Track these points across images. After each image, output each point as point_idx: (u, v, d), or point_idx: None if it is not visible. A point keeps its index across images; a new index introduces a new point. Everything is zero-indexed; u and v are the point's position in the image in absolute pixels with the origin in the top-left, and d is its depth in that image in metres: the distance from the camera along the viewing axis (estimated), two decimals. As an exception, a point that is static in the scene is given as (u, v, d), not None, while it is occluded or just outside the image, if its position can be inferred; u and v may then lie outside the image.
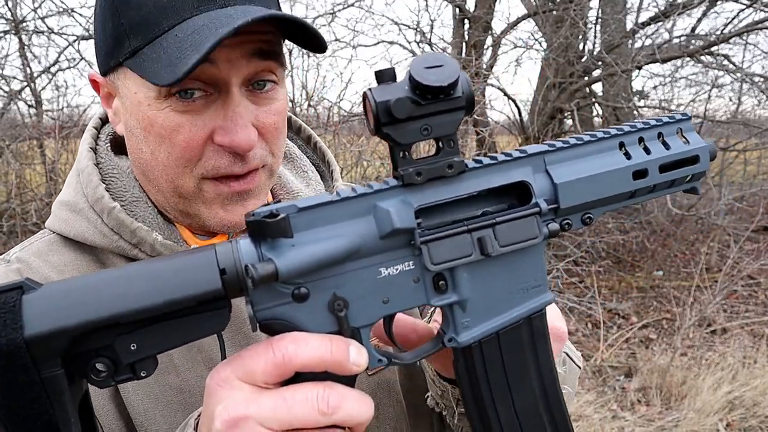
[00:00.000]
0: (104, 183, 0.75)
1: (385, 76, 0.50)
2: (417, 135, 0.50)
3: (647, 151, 0.58)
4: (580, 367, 0.78)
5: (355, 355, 0.49)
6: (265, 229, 0.47)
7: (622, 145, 0.58)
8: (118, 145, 0.80)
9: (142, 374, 0.48)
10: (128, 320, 0.46)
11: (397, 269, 0.52)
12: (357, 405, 0.49)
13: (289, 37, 0.68)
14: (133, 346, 0.47)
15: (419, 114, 0.49)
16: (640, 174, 0.57)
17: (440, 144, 0.52)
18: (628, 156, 0.57)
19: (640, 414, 3.80)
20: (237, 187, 0.69)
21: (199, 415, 0.55)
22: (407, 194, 0.51)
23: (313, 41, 0.67)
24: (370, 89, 0.50)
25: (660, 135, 0.59)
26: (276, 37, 0.67)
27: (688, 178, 0.61)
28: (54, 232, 0.76)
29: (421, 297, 0.53)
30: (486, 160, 0.54)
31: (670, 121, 0.59)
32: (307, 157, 0.93)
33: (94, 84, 0.75)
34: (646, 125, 0.59)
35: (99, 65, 0.72)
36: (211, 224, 0.72)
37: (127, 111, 0.69)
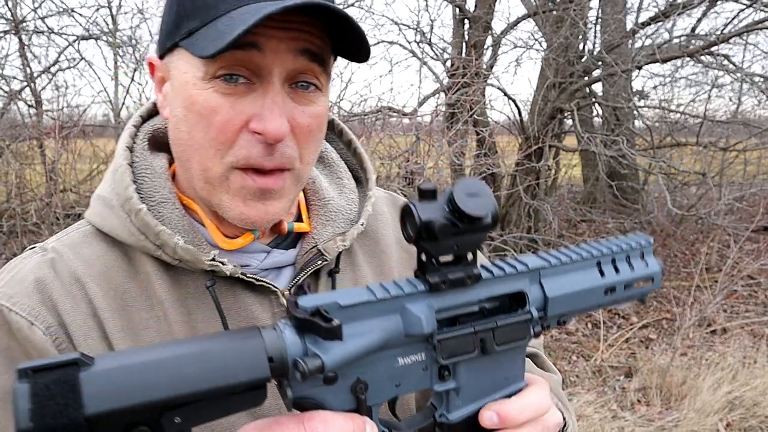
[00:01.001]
0: (136, 183, 0.76)
1: (427, 195, 0.56)
2: (448, 250, 0.58)
3: (617, 270, 0.68)
4: None
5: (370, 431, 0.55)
6: (318, 331, 0.52)
7: (599, 263, 0.68)
8: (157, 142, 0.82)
9: None
10: (180, 402, 0.49)
11: (411, 359, 0.59)
12: None
13: (336, 44, 0.70)
14: (177, 419, 0.49)
15: (454, 234, 0.56)
16: (610, 290, 0.68)
17: (464, 256, 0.60)
18: (602, 274, 0.68)
19: (640, 414, 3.80)
20: (261, 184, 0.70)
21: None
22: (431, 299, 0.58)
23: (358, 45, 0.68)
24: (413, 204, 0.56)
25: (628, 258, 0.70)
26: (325, 44, 0.69)
27: (643, 293, 0.72)
28: (90, 224, 0.78)
29: (427, 383, 0.61)
30: (496, 271, 0.62)
31: (637, 247, 0.70)
32: (347, 161, 0.94)
33: (151, 68, 0.77)
34: (618, 249, 0.69)
35: (158, 49, 0.75)
36: (230, 215, 0.72)
37: (175, 92, 0.71)
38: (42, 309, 0.69)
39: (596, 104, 7.07)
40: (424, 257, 0.59)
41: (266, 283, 0.75)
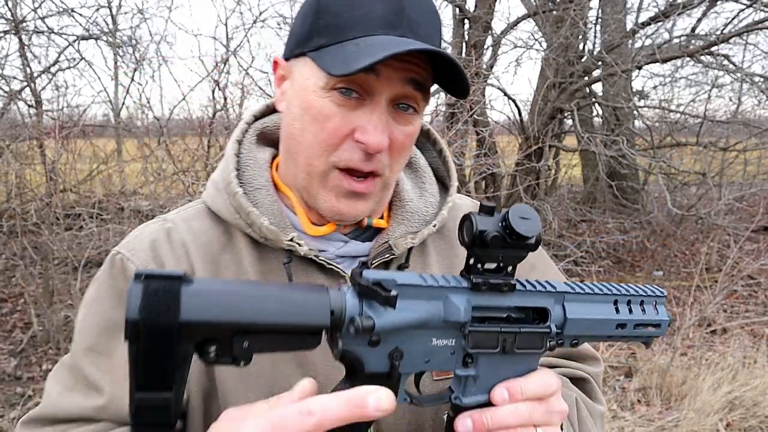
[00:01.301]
0: (238, 170, 0.89)
1: (486, 210, 0.67)
2: (493, 259, 0.68)
3: (630, 310, 0.78)
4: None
5: (375, 402, 0.59)
6: (377, 298, 0.62)
7: (616, 301, 0.78)
8: (265, 139, 0.96)
9: (241, 364, 0.59)
10: (255, 329, 0.58)
11: (443, 342, 0.69)
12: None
13: (439, 80, 0.82)
14: (245, 344, 0.58)
15: (502, 247, 0.67)
16: (621, 325, 0.78)
17: (503, 267, 0.70)
18: (617, 310, 0.78)
19: (640, 414, 3.80)
20: (355, 187, 0.82)
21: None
22: (471, 296, 0.69)
23: (459, 84, 0.80)
24: (474, 215, 0.67)
25: (642, 302, 0.80)
26: (429, 76, 0.81)
27: (648, 336, 0.81)
28: (204, 203, 0.92)
29: (451, 365, 0.70)
30: (528, 287, 0.72)
31: (652, 295, 0.81)
32: (436, 168, 1.04)
33: (275, 65, 0.90)
34: (636, 293, 0.79)
35: (285, 51, 0.87)
36: (322, 207, 0.84)
37: (294, 92, 0.83)
38: (151, 263, 0.84)
39: (596, 104, 7.07)
40: (472, 261, 0.70)
41: (335, 267, 0.86)
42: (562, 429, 0.81)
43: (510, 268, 0.70)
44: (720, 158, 7.91)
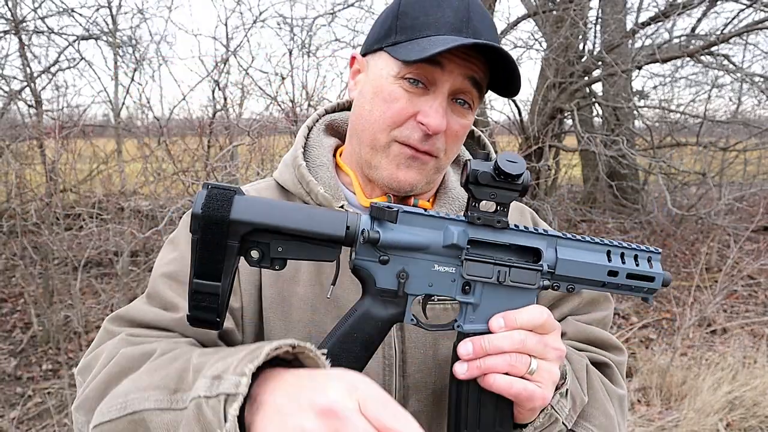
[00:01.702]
0: (306, 150, 1.05)
1: (482, 156, 0.80)
2: (486, 196, 0.79)
3: (623, 261, 0.85)
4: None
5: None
6: (382, 214, 0.76)
7: (609, 252, 0.85)
8: (332, 129, 1.11)
9: (276, 267, 0.76)
10: (286, 232, 0.74)
11: (444, 269, 0.80)
12: None
13: (494, 80, 0.94)
14: (280, 249, 0.75)
15: (492, 185, 0.79)
16: (613, 273, 0.84)
17: (498, 207, 0.81)
18: (609, 259, 0.84)
19: (640, 414, 3.80)
20: (414, 153, 0.93)
21: (296, 345, 0.68)
22: (468, 228, 0.80)
23: (512, 82, 0.91)
24: (471, 159, 0.80)
25: (636, 256, 0.86)
26: (485, 77, 0.93)
27: (645, 290, 0.86)
28: (274, 179, 1.07)
29: (452, 292, 0.81)
30: (522, 228, 0.82)
31: (646, 250, 0.86)
32: (473, 156, 1.12)
33: (352, 60, 1.03)
34: (629, 247, 0.86)
35: (363, 48, 1.01)
36: (382, 175, 0.95)
37: (368, 80, 0.96)
38: None
39: (596, 104, 7.07)
40: (470, 201, 0.80)
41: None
42: (564, 380, 0.88)
43: (504, 208, 0.80)
44: (720, 158, 7.91)
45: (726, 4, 9.22)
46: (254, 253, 0.74)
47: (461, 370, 0.78)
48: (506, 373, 0.77)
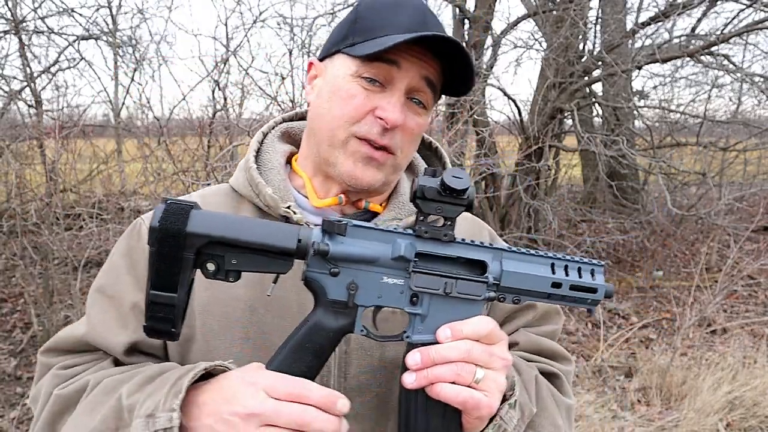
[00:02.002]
0: (258, 154, 1.08)
1: (429, 172, 0.83)
2: (433, 210, 0.82)
3: (567, 273, 0.87)
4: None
5: (341, 405, 0.77)
6: (332, 227, 0.80)
7: (553, 265, 0.88)
8: (288, 136, 1.14)
9: (230, 279, 0.79)
10: (240, 245, 0.77)
11: (393, 281, 0.83)
12: (327, 423, 0.76)
13: (449, 82, 0.98)
14: (234, 261, 0.78)
15: (438, 200, 0.81)
16: (556, 285, 0.87)
17: (445, 221, 0.84)
18: (553, 271, 0.87)
19: (640, 414, 3.80)
20: (372, 153, 0.95)
21: (208, 368, 0.81)
22: (415, 241, 0.83)
23: (466, 78, 0.95)
24: (418, 176, 0.83)
25: (579, 269, 0.88)
26: (440, 80, 0.97)
27: (588, 301, 0.89)
28: (229, 184, 1.08)
29: (401, 303, 0.83)
30: (468, 241, 0.86)
31: (589, 263, 0.89)
32: (431, 165, 1.17)
33: (309, 66, 1.06)
34: (572, 260, 0.88)
35: (321, 54, 1.04)
36: (340, 171, 0.97)
37: (325, 82, 0.99)
38: None
39: (596, 104, 7.06)
40: (419, 217, 0.83)
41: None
42: (513, 391, 0.90)
43: (450, 222, 0.83)
44: (720, 158, 7.91)
45: (726, 4, 9.22)
46: (210, 266, 0.77)
47: (409, 380, 0.80)
48: (453, 383, 0.79)
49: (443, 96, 1.06)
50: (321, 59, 1.03)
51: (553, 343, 1.13)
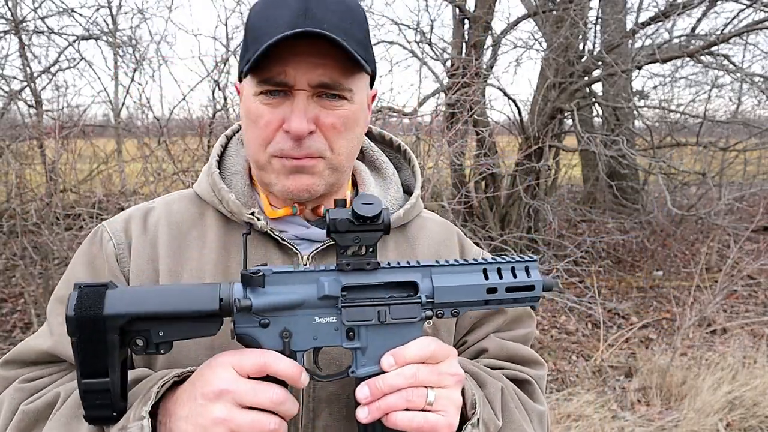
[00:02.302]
0: (222, 158, 1.06)
1: (339, 203, 0.81)
2: (350, 242, 0.80)
3: (500, 276, 0.86)
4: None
5: (304, 378, 0.79)
6: (250, 281, 0.78)
7: (485, 270, 0.86)
8: None
9: (161, 351, 0.77)
10: (162, 317, 0.75)
11: (325, 320, 0.81)
12: (292, 404, 0.79)
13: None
14: (161, 333, 0.76)
15: (353, 230, 0.80)
16: (492, 290, 0.85)
17: (366, 249, 0.82)
18: (486, 277, 0.85)
19: (640, 414, 3.80)
20: (295, 163, 0.91)
21: (180, 374, 0.82)
22: (339, 276, 0.82)
23: (354, 61, 0.87)
24: (329, 209, 0.81)
25: (513, 269, 0.87)
26: (341, 70, 0.88)
27: (528, 299, 0.87)
28: (193, 189, 1.06)
29: (338, 340, 0.82)
30: (393, 264, 0.84)
31: (522, 260, 0.87)
32: (405, 179, 1.15)
33: (237, 91, 1.01)
34: (504, 261, 0.87)
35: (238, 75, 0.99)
36: (276, 189, 0.95)
37: (242, 105, 0.96)
38: (121, 233, 0.99)
39: (596, 104, 7.06)
40: (338, 251, 0.82)
41: (289, 243, 0.97)
42: (475, 409, 0.89)
43: (372, 249, 0.82)
44: (720, 158, 7.90)
45: (726, 4, 9.22)
46: (138, 341, 0.76)
47: (363, 415, 0.79)
48: (407, 409, 0.78)
49: (444, 95, 1.01)
50: (240, 80, 0.98)
51: (524, 347, 1.10)
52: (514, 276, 0.86)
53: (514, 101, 6.05)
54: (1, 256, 5.02)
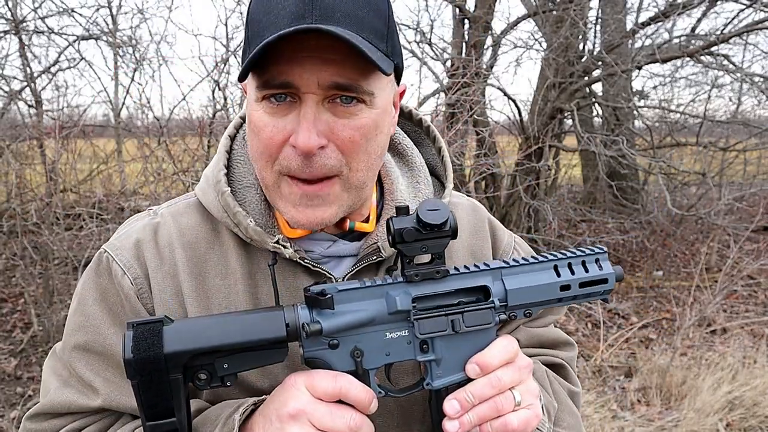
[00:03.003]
0: (228, 168, 0.90)
1: (402, 211, 0.76)
2: (417, 251, 0.76)
3: (572, 271, 0.82)
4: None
5: (374, 405, 0.75)
6: (318, 303, 0.74)
7: (556, 267, 0.82)
8: None
9: (227, 384, 0.73)
10: (226, 349, 0.71)
11: (397, 334, 0.77)
12: (369, 429, 0.74)
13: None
14: (226, 365, 0.72)
15: (420, 239, 0.75)
16: (565, 287, 0.82)
17: (432, 257, 0.78)
18: (558, 274, 0.82)
19: (640, 414, 3.80)
20: (306, 190, 0.79)
21: (257, 402, 0.78)
22: (409, 287, 0.77)
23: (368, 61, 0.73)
24: (391, 218, 0.76)
25: (584, 262, 0.83)
26: (355, 70, 0.74)
27: (601, 292, 0.84)
28: (196, 196, 0.93)
29: (411, 354, 0.78)
30: (462, 270, 0.80)
31: (592, 253, 0.84)
32: (433, 165, 1.03)
33: (244, 90, 0.87)
34: (574, 255, 0.83)
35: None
36: (287, 218, 0.83)
37: (246, 110, 0.83)
38: (135, 263, 0.86)
39: (596, 104, 7.06)
40: (404, 261, 0.77)
41: (321, 269, 0.87)
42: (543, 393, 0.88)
43: (440, 256, 0.78)
44: (720, 158, 7.90)
45: (726, 4, 9.21)
46: (202, 376, 0.72)
47: (452, 429, 0.75)
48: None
49: (444, 95, 0.94)
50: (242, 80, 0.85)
51: (553, 330, 1.07)
52: (586, 270, 0.83)
53: (514, 101, 6.05)
54: (1, 256, 5.02)
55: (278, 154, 0.78)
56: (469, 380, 0.78)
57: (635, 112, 7.07)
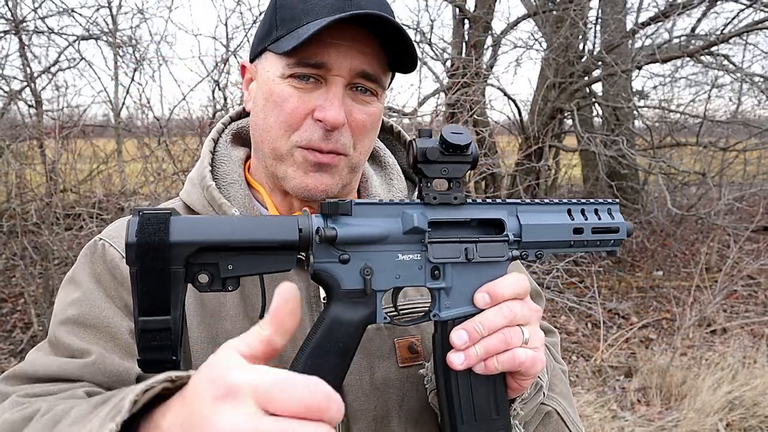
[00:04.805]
0: (212, 166, 0.96)
1: (425, 133, 0.77)
2: (437, 173, 0.76)
3: (585, 217, 0.84)
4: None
5: (334, 412, 0.51)
6: (336, 208, 0.72)
7: (569, 210, 0.84)
8: (240, 139, 1.03)
9: (229, 288, 0.69)
10: (235, 247, 0.68)
11: (409, 257, 0.75)
12: (339, 408, 0.52)
13: (391, 60, 0.86)
14: (230, 266, 0.68)
15: (442, 160, 0.75)
16: (578, 230, 0.83)
17: (451, 183, 0.77)
18: (571, 217, 0.83)
19: (640, 414, 3.80)
20: (320, 159, 0.85)
21: (166, 379, 0.60)
22: (426, 209, 0.76)
23: (406, 54, 0.84)
24: (415, 138, 0.76)
25: (596, 210, 0.85)
26: (380, 64, 0.85)
27: (611, 242, 0.85)
28: (181, 199, 0.97)
29: (421, 279, 0.76)
30: (478, 200, 0.80)
31: (604, 202, 0.86)
32: (405, 169, 1.08)
33: (243, 70, 0.97)
34: (587, 202, 0.85)
35: (250, 54, 0.94)
36: (292, 185, 0.88)
37: (259, 87, 0.89)
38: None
39: (596, 104, 7.07)
40: (424, 183, 0.77)
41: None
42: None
43: (458, 183, 0.78)
44: (720, 158, 7.90)
45: (726, 4, 9.22)
46: (202, 277, 0.68)
47: (458, 361, 0.72)
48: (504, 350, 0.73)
49: (444, 95, 0.98)
50: (252, 60, 0.93)
51: None
52: (598, 217, 0.84)
53: (514, 101, 6.06)
54: (1, 256, 5.02)
55: (299, 126, 0.85)
56: (473, 313, 0.76)
57: (635, 112, 7.07)
